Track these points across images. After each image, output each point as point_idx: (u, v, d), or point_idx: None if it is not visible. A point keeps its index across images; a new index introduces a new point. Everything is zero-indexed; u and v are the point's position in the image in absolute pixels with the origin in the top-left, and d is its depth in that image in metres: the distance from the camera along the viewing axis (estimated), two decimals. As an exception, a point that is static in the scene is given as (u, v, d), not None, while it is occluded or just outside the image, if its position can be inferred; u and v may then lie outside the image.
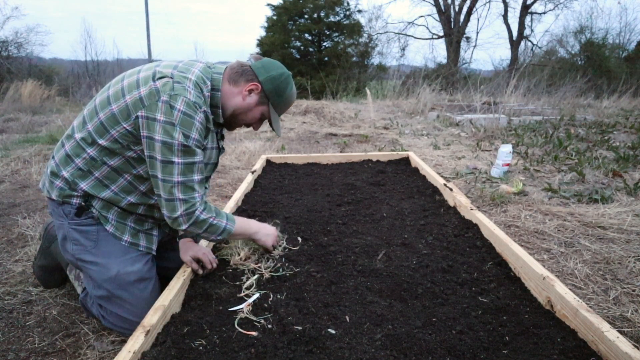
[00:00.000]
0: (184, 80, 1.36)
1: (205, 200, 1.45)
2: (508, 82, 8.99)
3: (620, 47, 17.28)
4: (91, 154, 1.40)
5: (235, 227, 1.51)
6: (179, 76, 1.36)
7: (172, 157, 1.33)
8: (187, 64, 1.44)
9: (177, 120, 1.30)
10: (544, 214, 2.60)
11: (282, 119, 6.79)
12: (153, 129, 1.31)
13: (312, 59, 17.93)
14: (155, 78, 1.35)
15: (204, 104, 1.40)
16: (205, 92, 1.42)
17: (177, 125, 1.30)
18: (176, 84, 1.33)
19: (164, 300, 1.29)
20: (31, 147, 4.67)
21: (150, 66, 1.44)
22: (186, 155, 1.34)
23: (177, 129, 1.30)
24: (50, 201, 1.49)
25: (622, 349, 1.03)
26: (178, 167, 1.34)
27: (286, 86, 1.54)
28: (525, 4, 19.46)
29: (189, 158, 1.35)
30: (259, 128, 1.64)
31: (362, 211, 2.22)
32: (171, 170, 1.34)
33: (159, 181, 1.35)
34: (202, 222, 1.42)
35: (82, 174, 1.42)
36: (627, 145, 4.53)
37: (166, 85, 1.33)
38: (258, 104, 1.53)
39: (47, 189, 1.48)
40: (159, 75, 1.36)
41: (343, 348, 1.13)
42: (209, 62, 1.54)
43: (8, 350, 1.45)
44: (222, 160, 4.12)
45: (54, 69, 15.37)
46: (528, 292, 1.43)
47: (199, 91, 1.39)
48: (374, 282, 1.48)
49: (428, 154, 4.47)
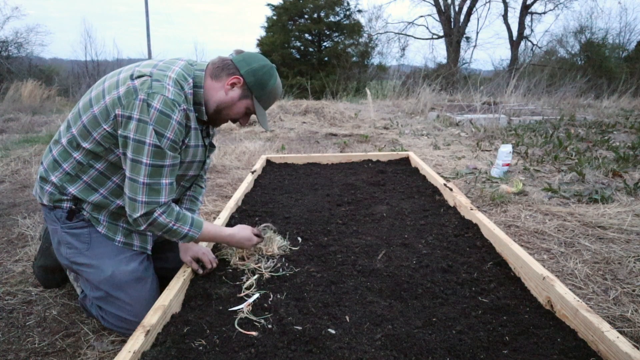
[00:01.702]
0: (163, 78, 1.33)
1: (170, 204, 1.39)
2: (508, 82, 8.99)
3: (620, 47, 17.28)
4: (77, 158, 1.39)
5: (200, 233, 1.45)
6: (158, 74, 1.34)
7: (141, 158, 1.30)
8: (168, 62, 1.42)
9: (152, 118, 1.28)
10: (544, 214, 2.60)
11: (282, 119, 6.78)
12: (127, 127, 1.28)
13: (312, 59, 17.95)
14: (133, 77, 1.33)
15: (185, 101, 1.37)
16: (186, 89, 1.39)
17: (151, 124, 1.27)
18: (155, 82, 1.31)
19: (164, 300, 1.29)
20: (31, 147, 4.67)
21: (131, 67, 1.42)
22: (156, 158, 1.31)
23: (151, 127, 1.27)
24: (42, 206, 1.49)
25: (622, 349, 1.03)
26: (146, 168, 1.30)
27: (269, 78, 1.48)
28: (525, 4, 19.46)
29: (158, 161, 1.32)
30: (246, 123, 1.60)
31: (362, 211, 2.22)
32: (139, 171, 1.31)
33: (127, 179, 1.33)
34: (160, 225, 1.37)
35: (70, 178, 1.41)
36: (627, 145, 4.53)
37: (144, 83, 1.30)
38: (241, 98, 1.48)
39: (38, 195, 1.48)
40: (137, 74, 1.34)
41: (343, 348, 1.13)
42: (191, 60, 1.51)
43: (8, 350, 1.45)
44: (222, 160, 4.12)
45: (54, 69, 15.39)
46: (528, 292, 1.43)
47: (179, 89, 1.36)
48: (374, 282, 1.48)
49: (428, 154, 4.47)
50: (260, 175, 3.00)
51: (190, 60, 1.49)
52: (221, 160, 4.10)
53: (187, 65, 1.44)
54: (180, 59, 1.47)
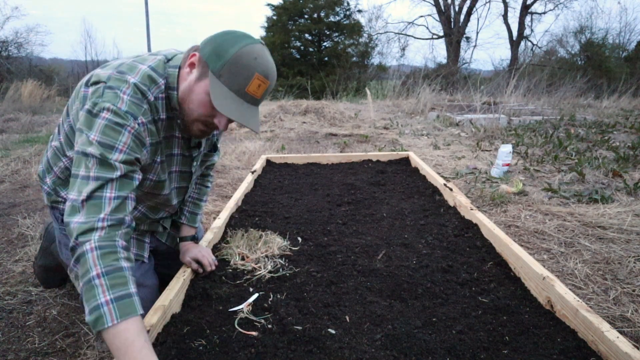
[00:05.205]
0: (119, 85, 1.10)
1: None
2: (508, 82, 8.99)
3: (620, 47, 17.29)
4: (66, 164, 1.32)
5: (117, 328, 0.92)
6: (116, 79, 1.11)
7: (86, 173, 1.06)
8: (137, 61, 1.19)
9: (97, 131, 1.05)
10: (544, 214, 2.60)
11: (282, 119, 6.74)
12: (77, 140, 1.09)
13: (312, 59, 17.95)
14: (89, 83, 1.15)
15: (149, 111, 1.15)
16: (151, 95, 1.15)
17: (95, 138, 1.05)
18: (107, 90, 1.09)
19: (164, 300, 1.29)
20: (31, 147, 4.67)
21: (95, 70, 1.23)
22: None
23: (95, 143, 1.04)
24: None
25: (622, 349, 1.03)
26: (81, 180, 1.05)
27: (232, 44, 1.11)
28: (525, 4, 19.47)
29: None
30: (224, 125, 1.18)
31: (362, 211, 2.22)
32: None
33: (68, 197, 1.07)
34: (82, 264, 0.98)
35: (61, 182, 1.36)
36: (627, 145, 4.52)
37: (95, 92, 1.10)
38: (199, 79, 1.15)
39: (42, 192, 1.47)
40: (94, 79, 1.14)
41: (343, 348, 1.13)
42: (170, 53, 1.24)
43: (8, 350, 1.45)
44: (222, 160, 4.12)
45: (54, 69, 15.40)
46: (528, 292, 1.43)
47: (140, 96, 1.12)
48: (374, 282, 1.48)
49: (428, 154, 4.47)
50: (260, 175, 3.00)
51: (168, 55, 1.24)
52: (221, 160, 4.10)
53: (161, 63, 1.20)
54: (158, 54, 1.24)
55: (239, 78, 1.11)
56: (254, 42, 1.13)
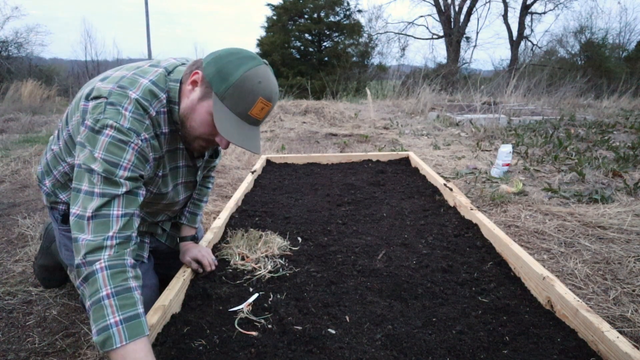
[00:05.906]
0: (121, 101, 1.10)
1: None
2: (508, 82, 9.00)
3: (620, 47, 17.30)
4: (65, 169, 1.31)
5: (126, 349, 0.93)
6: (117, 94, 1.11)
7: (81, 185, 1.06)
8: (137, 74, 1.17)
9: (101, 149, 1.06)
10: (544, 214, 2.60)
11: (281, 119, 6.75)
12: (79, 155, 1.09)
13: (312, 59, 17.97)
14: (89, 97, 1.13)
15: (152, 126, 1.15)
16: (152, 110, 1.14)
17: (99, 155, 1.05)
18: (109, 106, 1.08)
19: (164, 300, 1.29)
20: (31, 147, 4.67)
21: (94, 80, 1.22)
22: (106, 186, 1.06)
23: (100, 160, 1.05)
24: None
25: (622, 349, 1.03)
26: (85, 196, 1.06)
27: (236, 67, 1.11)
28: (525, 4, 19.48)
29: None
30: (225, 144, 1.19)
31: (362, 211, 2.22)
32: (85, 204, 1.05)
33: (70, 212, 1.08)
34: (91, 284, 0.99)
35: (61, 185, 1.36)
36: (627, 145, 4.52)
37: (96, 107, 1.09)
38: (201, 98, 1.15)
39: (41, 193, 1.47)
40: (94, 93, 1.13)
41: (343, 348, 1.13)
42: (171, 65, 1.23)
43: (8, 350, 1.45)
44: (222, 160, 4.12)
45: (54, 69, 15.40)
46: (528, 292, 1.43)
47: (142, 112, 1.12)
48: (374, 282, 1.48)
49: (428, 154, 4.47)
50: (260, 175, 3.01)
51: (169, 67, 1.23)
52: (221, 160, 4.10)
53: (162, 77, 1.19)
54: (159, 66, 1.23)
55: (242, 102, 1.12)
56: (257, 65, 1.14)
